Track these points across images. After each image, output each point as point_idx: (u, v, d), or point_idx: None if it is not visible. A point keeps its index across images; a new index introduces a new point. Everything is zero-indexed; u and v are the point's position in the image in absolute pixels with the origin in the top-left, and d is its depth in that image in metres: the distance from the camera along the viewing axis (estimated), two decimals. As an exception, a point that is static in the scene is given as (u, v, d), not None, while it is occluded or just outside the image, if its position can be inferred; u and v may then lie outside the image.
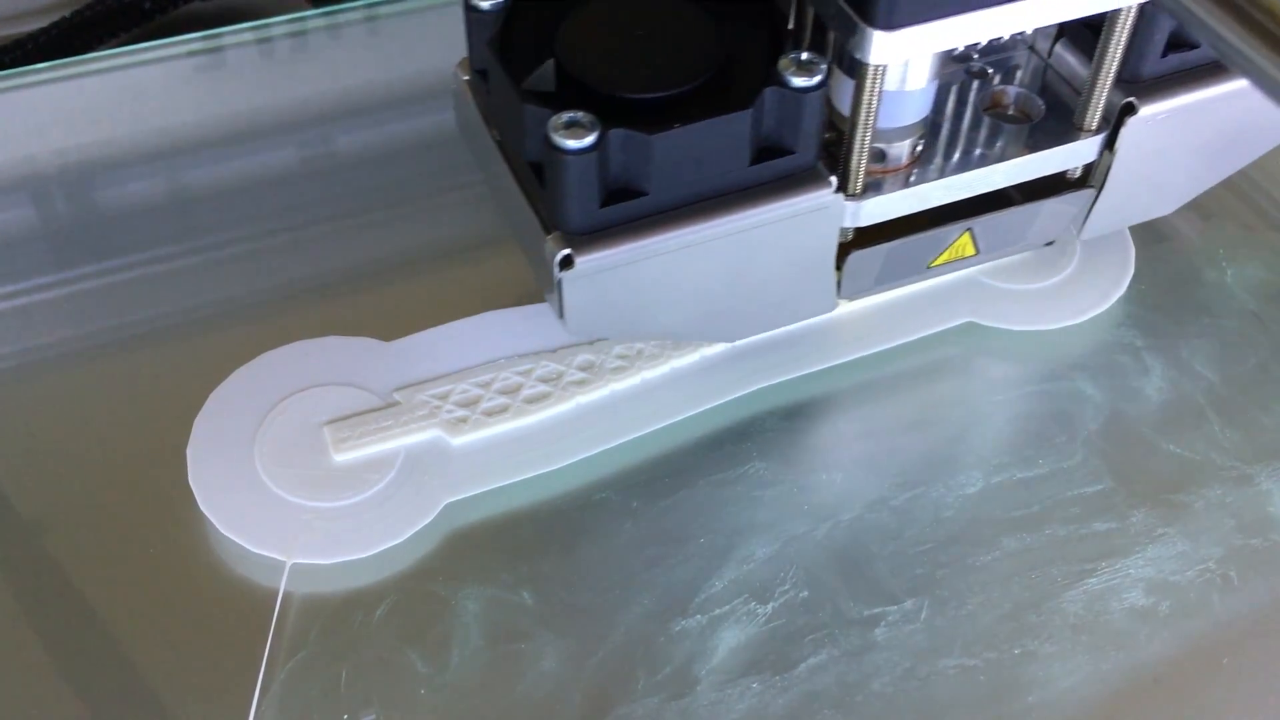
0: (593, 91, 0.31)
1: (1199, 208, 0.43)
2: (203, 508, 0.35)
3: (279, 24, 0.51)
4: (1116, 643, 0.33)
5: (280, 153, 0.47)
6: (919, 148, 0.35)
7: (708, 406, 0.38)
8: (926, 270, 0.38)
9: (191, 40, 0.50)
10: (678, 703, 0.32)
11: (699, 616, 0.33)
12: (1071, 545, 0.35)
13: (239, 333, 0.40)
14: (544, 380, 0.38)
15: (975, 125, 0.36)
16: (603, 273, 0.32)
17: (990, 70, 0.37)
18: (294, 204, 0.45)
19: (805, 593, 0.34)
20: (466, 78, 0.36)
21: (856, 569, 0.35)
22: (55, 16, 0.50)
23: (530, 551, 0.35)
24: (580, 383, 0.38)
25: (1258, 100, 0.33)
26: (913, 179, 0.35)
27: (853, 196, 0.34)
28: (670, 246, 0.32)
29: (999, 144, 0.36)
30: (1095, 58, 0.34)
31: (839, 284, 0.36)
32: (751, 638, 0.33)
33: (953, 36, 0.30)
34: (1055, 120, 0.36)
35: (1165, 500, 0.36)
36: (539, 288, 0.34)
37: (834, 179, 0.33)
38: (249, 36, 0.50)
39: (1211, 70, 0.36)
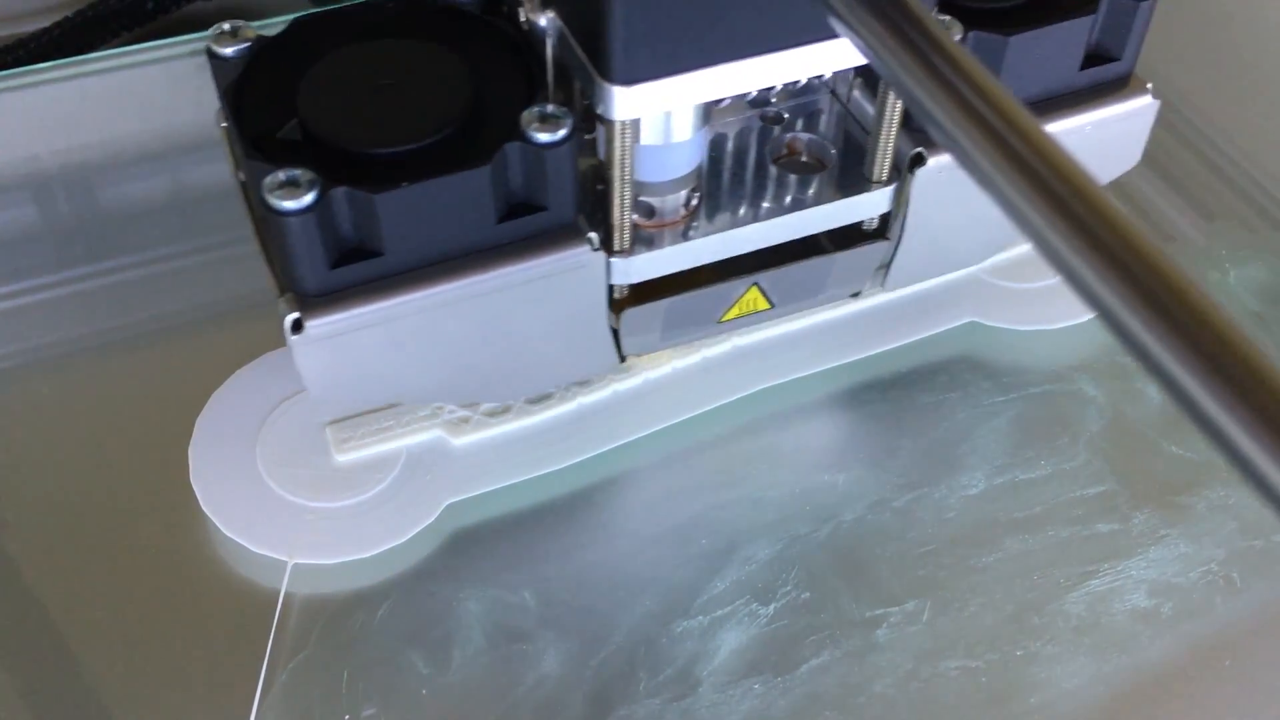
0: (329, 146, 0.30)
1: (1202, 209, 0.43)
2: (204, 508, 0.35)
3: (277, 24, 0.50)
4: (1119, 644, 0.33)
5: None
6: (694, 200, 0.33)
7: (710, 407, 0.38)
8: (718, 325, 0.36)
9: (193, 40, 0.50)
10: (679, 704, 0.32)
11: (701, 617, 0.33)
12: (1074, 546, 0.35)
13: (241, 332, 0.40)
14: (546, 381, 0.38)
15: (762, 175, 0.34)
16: (338, 337, 0.30)
17: (786, 115, 0.36)
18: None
19: (807, 594, 0.34)
20: (224, 125, 0.33)
21: (858, 570, 0.34)
22: (57, 16, 0.50)
23: (532, 552, 0.35)
24: (582, 383, 0.38)
25: (1070, 145, 0.33)
26: (691, 233, 0.33)
27: (620, 253, 0.32)
28: (411, 309, 0.31)
29: (787, 195, 0.34)
30: (876, 106, 0.33)
31: (618, 342, 0.35)
32: (753, 639, 0.33)
33: (696, 92, 0.29)
34: (848, 169, 0.34)
35: (1168, 502, 0.36)
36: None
37: (594, 236, 0.32)
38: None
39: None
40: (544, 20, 0.30)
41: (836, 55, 0.29)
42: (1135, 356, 0.19)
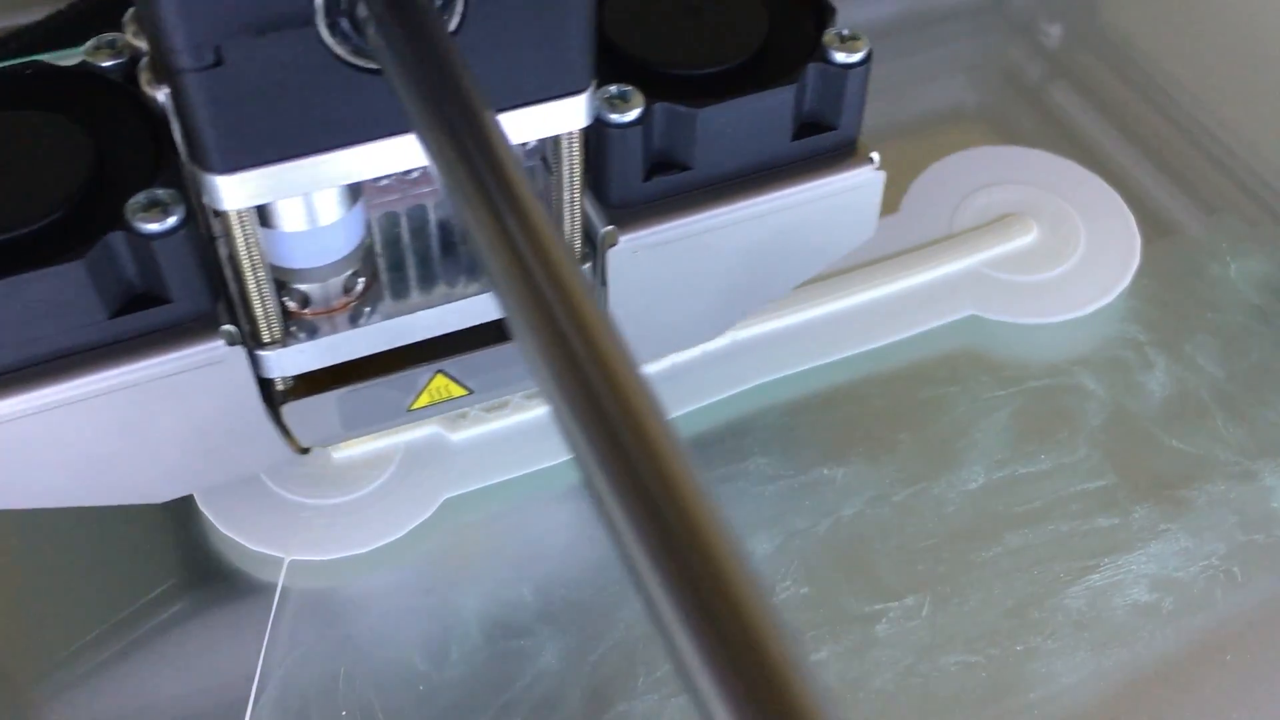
0: None
1: (1202, 202, 0.42)
2: (201, 505, 0.35)
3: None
4: (1119, 639, 0.33)
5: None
6: (359, 285, 0.31)
7: (709, 401, 0.38)
8: (410, 414, 0.33)
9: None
10: (678, 699, 0.32)
11: (699, 613, 0.33)
12: (1074, 541, 0.35)
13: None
14: (543, 375, 0.38)
15: (445, 253, 0.32)
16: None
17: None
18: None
19: (806, 589, 0.34)
20: None
21: (858, 565, 0.34)
22: (51, 9, 0.50)
23: (530, 548, 0.35)
24: (580, 378, 0.37)
25: (771, 224, 0.32)
26: (361, 319, 0.30)
27: (270, 345, 0.29)
28: (15, 411, 0.28)
29: (467, 278, 0.31)
30: (554, 180, 0.30)
31: (288, 433, 0.32)
32: (752, 634, 0.33)
33: (305, 180, 0.26)
34: None
35: (1168, 496, 0.36)
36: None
37: (231, 329, 0.29)
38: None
39: (714, 193, 0.32)
40: (161, 96, 0.28)
41: None
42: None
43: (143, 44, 0.30)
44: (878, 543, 0.35)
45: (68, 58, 0.32)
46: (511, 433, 0.37)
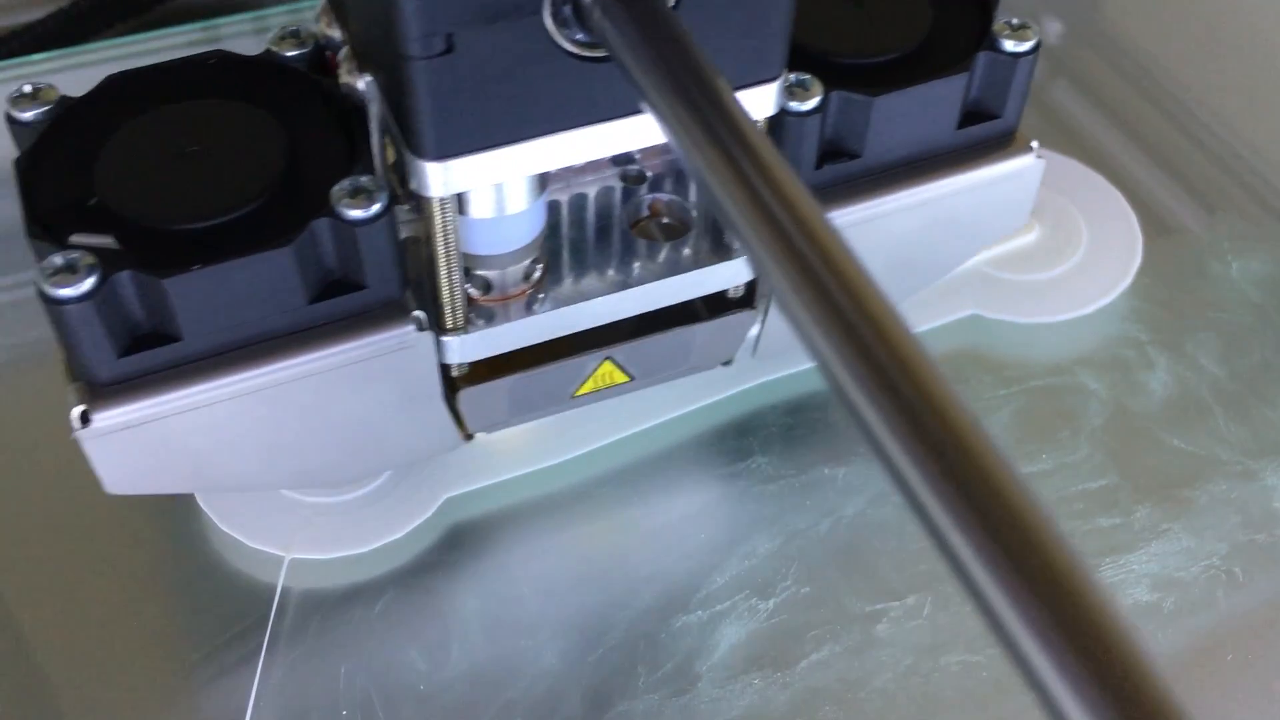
0: (125, 221, 0.27)
1: (1204, 201, 0.42)
2: (201, 503, 0.35)
3: (278, 14, 0.50)
4: (1120, 639, 0.33)
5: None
6: (536, 272, 0.31)
7: (710, 401, 0.38)
8: (573, 400, 0.33)
9: (190, 31, 0.49)
10: (679, 699, 0.32)
11: (700, 612, 0.33)
12: (1076, 541, 0.35)
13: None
14: (544, 374, 0.38)
15: (617, 242, 0.32)
16: (132, 429, 0.28)
17: (649, 174, 0.33)
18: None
19: (807, 588, 0.34)
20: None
21: (859, 564, 0.34)
22: (53, 7, 0.50)
23: (530, 547, 0.35)
24: (581, 376, 0.37)
25: (932, 212, 0.32)
26: (536, 306, 0.31)
27: (453, 331, 0.30)
28: (211, 397, 0.28)
29: (642, 263, 0.32)
30: None
31: (460, 420, 0.33)
32: (753, 634, 0.33)
33: (511, 167, 0.27)
34: (710, 234, 0.32)
35: (1170, 496, 0.36)
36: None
37: (420, 315, 0.30)
38: (248, 27, 0.50)
39: (881, 181, 0.33)
40: (362, 84, 0.28)
41: (657, 130, 0.25)
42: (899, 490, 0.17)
43: (334, 33, 0.31)
44: (879, 542, 0.35)
45: (81, 53, 0.32)
46: (512, 432, 0.37)
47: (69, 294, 0.26)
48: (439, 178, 0.26)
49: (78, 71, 0.48)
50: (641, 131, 0.27)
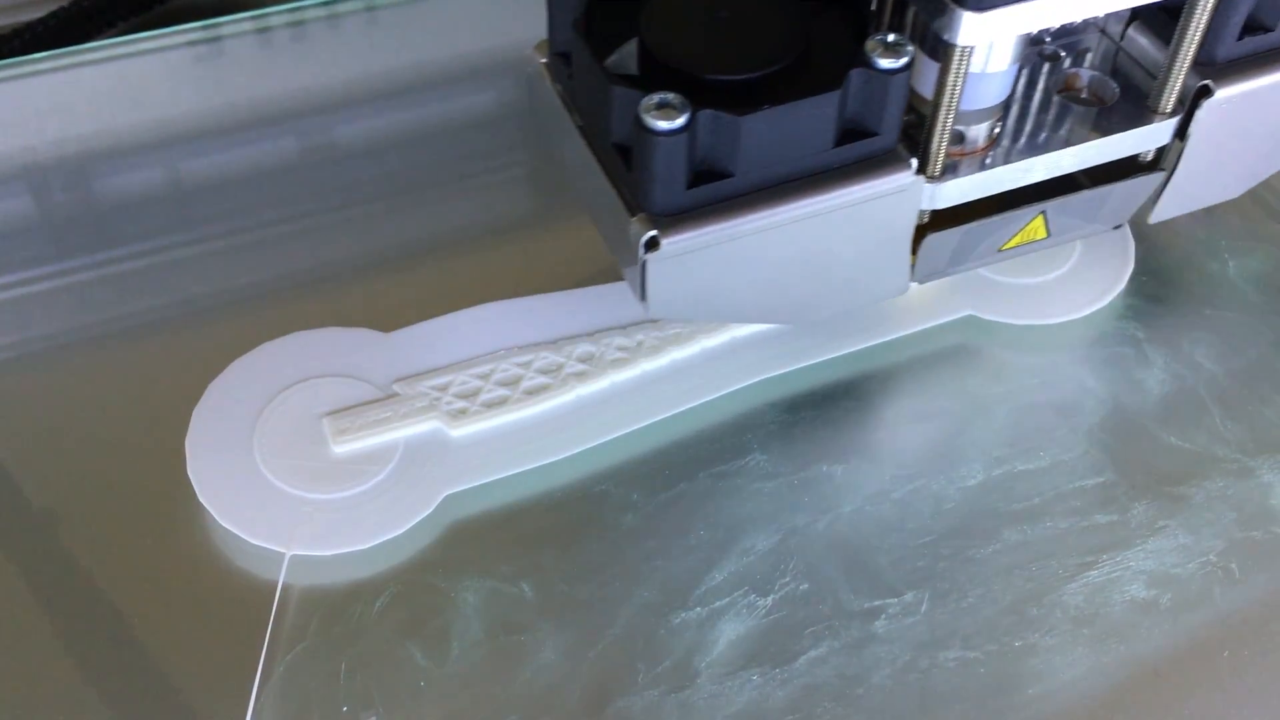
0: (677, 73, 0.31)
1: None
2: (202, 499, 0.35)
3: (278, 14, 0.50)
4: (1117, 635, 0.33)
5: (279, 143, 0.47)
6: (996, 130, 0.35)
7: (708, 399, 0.38)
8: (998, 254, 0.37)
9: (190, 30, 0.49)
10: (677, 695, 0.32)
11: (699, 609, 0.33)
12: (1072, 538, 0.35)
13: (238, 323, 0.40)
14: (543, 372, 0.38)
15: (1048, 108, 0.36)
16: (687, 255, 0.32)
17: (1062, 53, 0.37)
18: (293, 194, 0.45)
19: (805, 585, 0.34)
20: (544, 60, 0.36)
21: (857, 561, 0.34)
22: (53, 6, 0.50)
23: (530, 544, 0.35)
24: (580, 375, 0.38)
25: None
26: (989, 161, 0.35)
27: (931, 179, 0.34)
28: (753, 228, 0.32)
29: (1072, 127, 0.36)
30: (1174, 41, 0.34)
31: (913, 266, 0.36)
32: (751, 630, 0.33)
33: (1041, 18, 0.30)
34: (1127, 103, 0.36)
35: (1166, 493, 0.36)
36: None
37: (914, 161, 0.33)
38: (248, 26, 0.50)
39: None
40: None
41: None
42: None
43: None
44: (877, 539, 0.35)
45: (81, 53, 0.32)
46: (511, 429, 0.37)
47: (667, 126, 0.30)
48: (974, 27, 0.30)
49: (78, 71, 0.48)
50: None
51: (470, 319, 0.39)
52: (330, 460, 0.36)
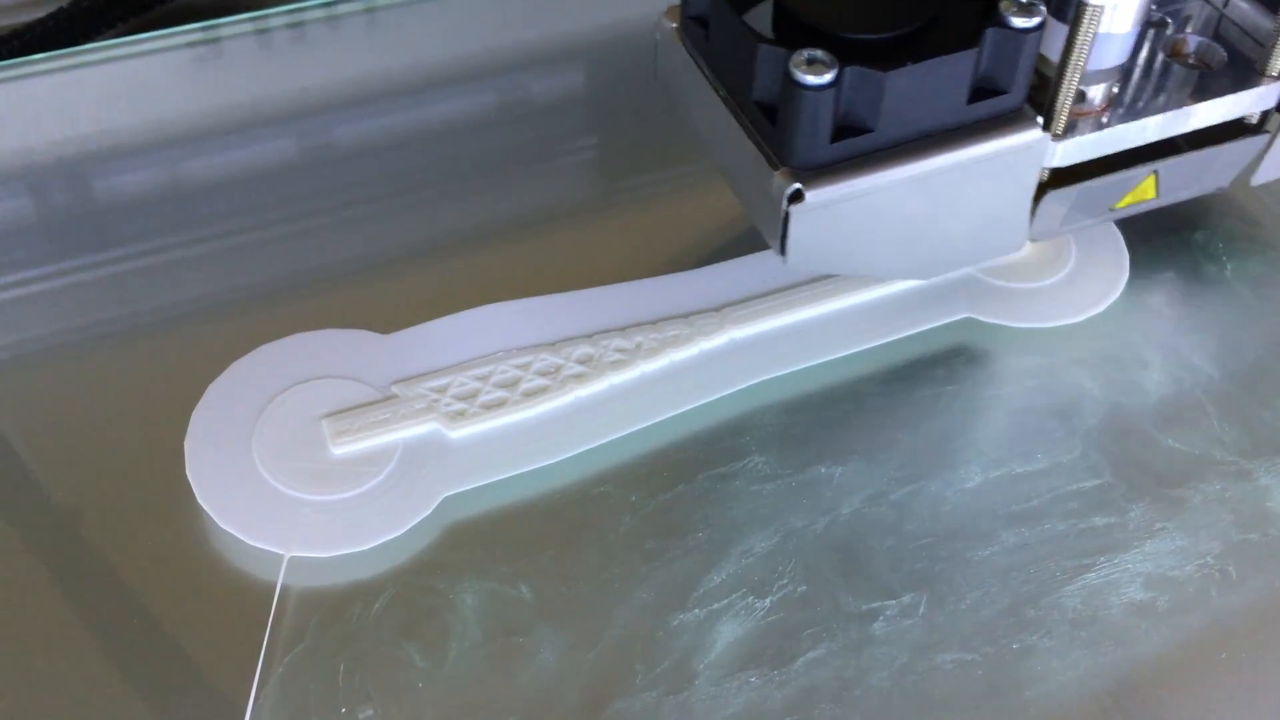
0: (815, 31, 0.32)
1: (1199, 200, 0.43)
2: (200, 501, 0.35)
3: (278, 15, 0.50)
4: (1115, 638, 0.33)
5: (279, 144, 0.47)
6: (1114, 91, 0.36)
7: (706, 400, 0.38)
8: (1111, 212, 0.39)
9: (190, 31, 0.49)
10: (675, 697, 0.32)
11: (697, 610, 0.33)
12: (1070, 540, 0.35)
13: (236, 325, 0.40)
14: (542, 374, 0.38)
15: (1161, 71, 0.38)
16: (828, 207, 0.33)
17: (1168, 19, 0.39)
18: (292, 195, 0.45)
19: (804, 587, 0.34)
20: (674, 25, 0.37)
21: (855, 563, 0.35)
22: (53, 7, 0.50)
23: (528, 545, 0.35)
24: (578, 376, 0.38)
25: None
26: (1106, 121, 0.36)
27: (1055, 137, 0.35)
28: (890, 182, 0.33)
29: (1184, 90, 0.37)
30: None
31: (1030, 224, 0.37)
32: (750, 632, 0.33)
33: None
34: (1234, 68, 0.38)
35: (1164, 495, 0.36)
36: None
37: (1040, 119, 0.34)
38: (248, 27, 0.50)
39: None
40: None
41: None
42: None
43: None
44: (875, 541, 0.35)
45: (81, 53, 0.33)
46: (510, 431, 0.37)
47: (817, 82, 0.31)
48: None
49: (78, 71, 0.48)
50: None
51: (469, 320, 0.39)
52: (329, 462, 0.36)
